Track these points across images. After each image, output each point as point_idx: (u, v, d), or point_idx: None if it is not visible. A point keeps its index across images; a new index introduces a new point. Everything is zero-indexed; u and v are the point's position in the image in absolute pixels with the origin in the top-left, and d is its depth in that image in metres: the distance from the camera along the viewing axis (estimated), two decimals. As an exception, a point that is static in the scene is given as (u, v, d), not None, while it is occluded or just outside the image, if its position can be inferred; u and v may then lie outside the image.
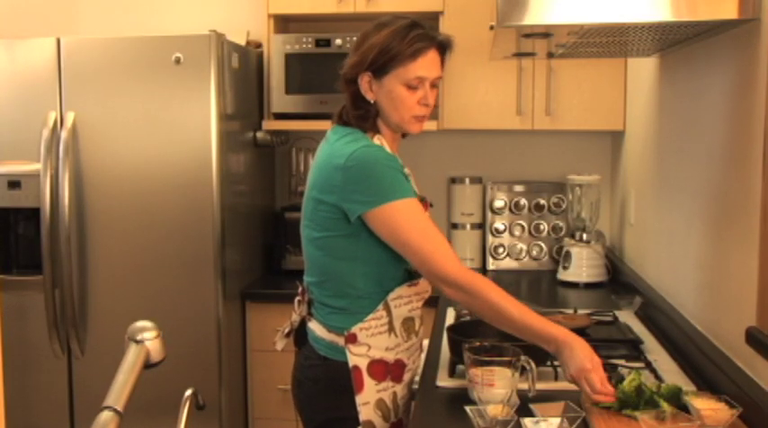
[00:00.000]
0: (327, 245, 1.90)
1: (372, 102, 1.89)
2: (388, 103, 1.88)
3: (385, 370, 1.91)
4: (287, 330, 2.09)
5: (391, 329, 1.92)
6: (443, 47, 1.93)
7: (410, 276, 1.96)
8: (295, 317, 2.06)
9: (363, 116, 1.90)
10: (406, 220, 1.81)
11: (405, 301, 1.94)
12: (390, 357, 1.92)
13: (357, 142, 1.86)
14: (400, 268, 1.93)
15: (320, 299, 1.95)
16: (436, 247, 1.81)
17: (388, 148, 1.92)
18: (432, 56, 1.89)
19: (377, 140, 1.91)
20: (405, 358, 1.96)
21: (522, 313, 1.79)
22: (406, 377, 1.97)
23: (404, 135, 2.00)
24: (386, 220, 1.81)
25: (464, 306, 1.90)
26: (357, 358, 1.89)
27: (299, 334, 2.04)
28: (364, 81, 1.88)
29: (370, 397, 1.88)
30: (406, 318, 1.95)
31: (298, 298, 2.06)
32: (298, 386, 1.99)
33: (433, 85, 1.91)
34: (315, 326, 1.96)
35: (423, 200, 1.96)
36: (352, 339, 1.89)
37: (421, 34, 1.87)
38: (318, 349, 1.94)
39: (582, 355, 1.68)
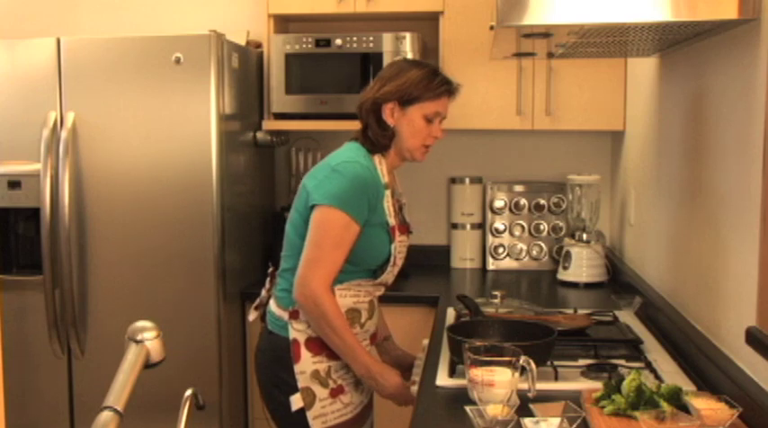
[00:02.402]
0: (295, 221, 2.18)
1: (391, 126, 2.16)
2: (407, 130, 2.16)
3: (320, 345, 2.14)
4: (256, 303, 2.35)
5: None
6: (454, 93, 2.23)
7: (372, 275, 2.18)
8: (264, 294, 2.32)
9: (387, 138, 2.17)
10: (325, 226, 2.07)
11: (351, 293, 2.16)
12: None
13: (357, 156, 2.14)
14: (360, 269, 2.15)
15: (280, 274, 2.22)
16: (321, 259, 2.06)
17: (381, 171, 2.16)
18: (447, 98, 2.20)
19: (377, 160, 2.18)
20: None
21: (353, 340, 2.11)
22: None
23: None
24: (316, 217, 2.08)
25: (309, 318, 2.12)
26: (297, 332, 2.14)
27: (264, 311, 2.31)
28: (388, 108, 2.15)
29: (306, 367, 2.13)
30: (350, 309, 2.16)
31: (269, 271, 2.34)
32: (254, 356, 2.29)
33: (440, 122, 2.20)
34: (272, 301, 2.24)
35: (403, 223, 2.25)
36: (295, 315, 2.14)
37: (445, 80, 2.18)
38: (268, 323, 2.23)
39: (389, 384, 2.11)
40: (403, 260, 2.25)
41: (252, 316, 2.36)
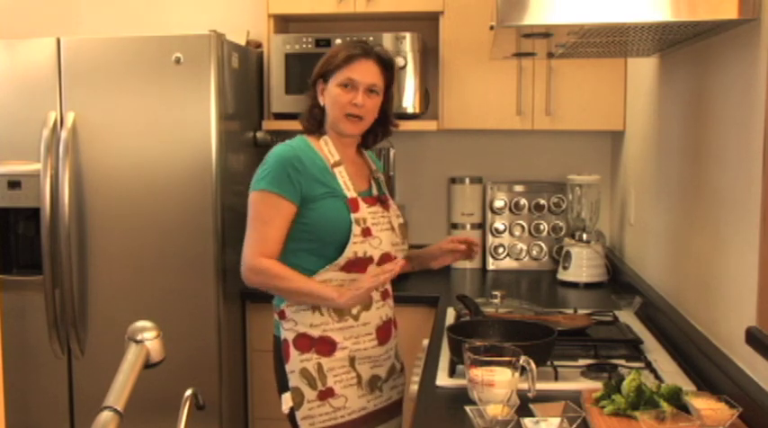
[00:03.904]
0: None
1: (323, 105, 2.20)
2: (329, 103, 2.18)
3: (309, 343, 2.14)
4: None
5: (316, 308, 2.13)
6: (380, 59, 2.19)
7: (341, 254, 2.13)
8: None
9: (315, 116, 2.22)
10: (252, 208, 2.16)
11: (335, 284, 2.12)
12: (315, 333, 2.14)
13: (286, 142, 2.21)
14: (326, 249, 2.12)
15: None
16: (248, 237, 2.15)
17: (327, 151, 2.18)
18: (365, 64, 2.15)
19: (322, 142, 2.20)
20: (336, 336, 2.14)
21: (307, 281, 2.09)
22: (340, 353, 2.14)
23: (364, 143, 2.30)
24: (249, 203, 2.17)
25: (266, 290, 2.19)
26: (286, 332, 2.17)
27: None
28: (319, 88, 2.20)
29: (295, 366, 2.14)
30: None
31: None
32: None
33: (371, 91, 2.16)
34: None
35: (370, 195, 2.22)
36: (282, 315, 2.18)
37: (357, 45, 2.18)
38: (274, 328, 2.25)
39: (363, 284, 2.04)
40: (388, 232, 2.17)
41: None
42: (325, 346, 2.13)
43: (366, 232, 2.12)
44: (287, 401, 2.13)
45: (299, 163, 2.12)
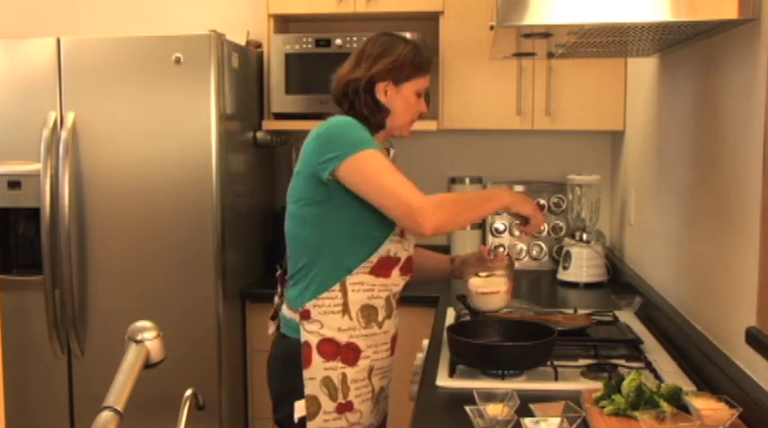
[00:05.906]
0: (298, 213, 2.04)
1: (384, 105, 2.09)
2: (401, 107, 2.11)
3: (335, 350, 2.01)
4: (272, 313, 2.21)
5: (345, 311, 2.01)
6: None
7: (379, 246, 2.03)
8: (277, 300, 2.19)
9: (383, 118, 2.11)
10: (376, 166, 1.95)
11: (365, 288, 2.02)
12: (342, 338, 2.02)
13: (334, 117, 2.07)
14: (367, 244, 2.02)
15: (289, 274, 2.08)
16: (396, 185, 1.94)
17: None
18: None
19: None
20: (361, 344, 2.04)
21: (474, 192, 2.17)
22: (363, 363, 2.04)
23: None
24: (358, 168, 1.94)
25: (446, 225, 2.03)
26: (309, 334, 2.01)
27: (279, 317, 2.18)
28: (381, 86, 2.08)
29: (316, 373, 2.00)
30: (365, 305, 2.03)
31: (278, 274, 2.20)
32: (266, 364, 2.15)
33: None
34: (284, 305, 2.11)
35: None
36: (306, 315, 2.01)
37: (429, 54, 2.17)
38: (281, 327, 2.10)
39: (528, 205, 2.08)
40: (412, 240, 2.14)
41: (270, 328, 2.19)
42: (350, 354, 2.02)
43: (402, 232, 2.06)
44: (300, 409, 1.98)
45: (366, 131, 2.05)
